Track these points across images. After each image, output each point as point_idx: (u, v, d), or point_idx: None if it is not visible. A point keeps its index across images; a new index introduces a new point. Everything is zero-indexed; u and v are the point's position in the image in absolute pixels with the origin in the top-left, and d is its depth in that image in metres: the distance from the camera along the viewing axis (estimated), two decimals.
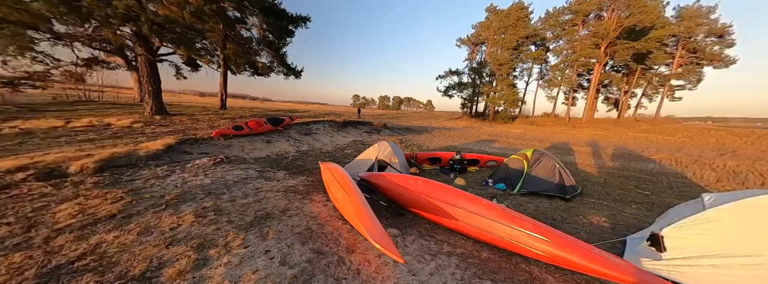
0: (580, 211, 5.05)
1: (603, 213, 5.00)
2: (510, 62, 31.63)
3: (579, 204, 5.39)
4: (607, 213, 5.06)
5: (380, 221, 4.08)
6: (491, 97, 31.86)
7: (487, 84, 32.99)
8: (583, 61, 27.86)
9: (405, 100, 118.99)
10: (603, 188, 6.72)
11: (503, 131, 23.53)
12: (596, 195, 6.06)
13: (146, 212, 3.31)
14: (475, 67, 33.37)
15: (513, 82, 33.09)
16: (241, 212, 3.62)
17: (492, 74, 32.70)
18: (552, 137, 20.12)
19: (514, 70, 35.35)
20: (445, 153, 7.99)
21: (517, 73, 36.47)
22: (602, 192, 6.37)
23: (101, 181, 4.26)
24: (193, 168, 5.39)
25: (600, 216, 4.84)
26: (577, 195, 5.84)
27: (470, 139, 16.21)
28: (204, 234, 2.86)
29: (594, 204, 5.51)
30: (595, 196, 6.00)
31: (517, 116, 34.66)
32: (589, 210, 5.15)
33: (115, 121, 9.78)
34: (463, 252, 3.38)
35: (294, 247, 2.81)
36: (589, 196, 5.96)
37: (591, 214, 4.92)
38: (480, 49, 37.50)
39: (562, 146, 15.51)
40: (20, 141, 6.30)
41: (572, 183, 5.80)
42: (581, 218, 4.74)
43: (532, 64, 36.17)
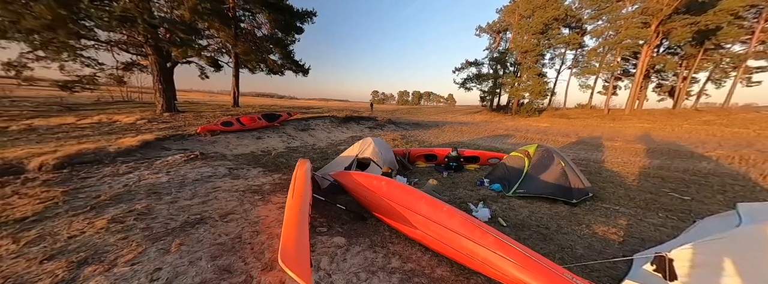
0: (584, 219, 4.17)
1: (615, 223, 4.08)
2: (537, 48, 27.05)
3: (587, 211, 4.48)
4: (622, 222, 4.13)
5: (336, 227, 3.63)
6: (514, 89, 28.88)
7: (510, 74, 30.34)
8: (629, 43, 23.39)
9: (425, 94, 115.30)
10: (627, 191, 5.64)
11: (524, 125, 21.78)
12: (614, 200, 5.06)
13: (63, 215, 3.06)
14: (497, 56, 30.78)
15: (540, 71, 29.15)
16: (172, 216, 3.27)
17: (516, 63, 30.06)
18: (582, 131, 18.09)
19: (543, 57, 31.29)
20: (441, 149, 7.23)
21: (545, 60, 32.49)
22: (624, 195, 5.33)
23: (52, 179, 4.14)
24: (161, 165, 5.20)
25: (610, 226, 3.94)
26: (587, 199, 4.90)
27: (482, 135, 15.06)
28: (100, 246, 2.51)
29: (607, 210, 4.56)
30: (613, 201, 5.01)
31: (544, 109, 31.19)
32: (597, 217, 4.25)
33: (123, 118, 10.10)
34: (412, 268, 2.78)
35: (197, 264, 2.37)
36: (604, 201, 4.99)
37: (598, 223, 4.03)
38: (503, 36, 34.75)
39: (592, 141, 13.90)
40: (16, 137, 6.53)
41: (581, 186, 4.86)
42: (583, 228, 3.88)
43: (565, 49, 31.71)
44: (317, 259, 2.71)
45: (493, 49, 33.79)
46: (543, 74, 29.52)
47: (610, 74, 28.46)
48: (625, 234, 3.75)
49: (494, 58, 31.12)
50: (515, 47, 28.90)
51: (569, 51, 32.31)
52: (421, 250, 3.16)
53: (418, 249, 3.18)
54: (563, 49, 31.92)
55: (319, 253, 2.84)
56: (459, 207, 4.53)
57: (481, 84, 31.96)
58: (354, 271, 2.60)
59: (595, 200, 4.97)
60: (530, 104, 29.26)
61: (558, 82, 34.90)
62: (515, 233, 3.69)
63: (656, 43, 24.72)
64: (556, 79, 34.37)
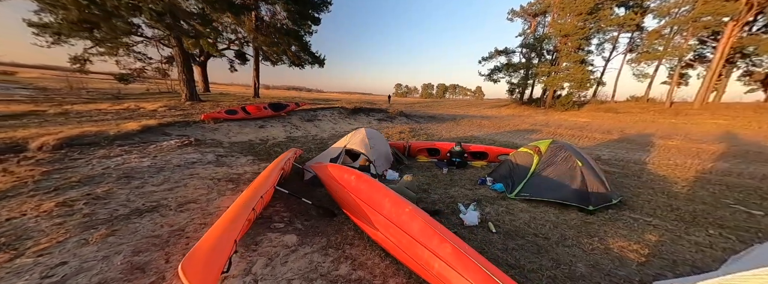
0: (599, 230, 3.40)
1: (640, 238, 3.27)
2: (582, 32, 23.14)
3: (605, 220, 3.67)
4: (651, 237, 3.30)
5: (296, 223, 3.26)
6: (551, 78, 24.91)
7: (546, 62, 27.18)
8: (708, 20, 18.13)
9: (450, 87, 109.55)
10: (670, 199, 4.60)
11: (558, 120, 19.75)
12: (648, 209, 4.12)
13: (23, 195, 3.07)
14: (531, 42, 27.76)
15: (583, 58, 24.89)
16: (126, 203, 3.15)
17: (554, 50, 26.91)
18: (631, 127, 15.60)
19: (589, 42, 26.57)
20: (445, 144, 6.58)
21: (592, 46, 27.76)
22: (664, 205, 4.33)
23: (45, 158, 4.30)
24: (153, 149, 5.26)
25: (632, 242, 3.15)
26: (610, 207, 4.04)
27: (502, 129, 13.83)
28: (27, 231, 2.41)
29: (634, 221, 3.71)
30: (646, 210, 4.08)
31: (586, 101, 27.40)
32: (618, 229, 3.44)
33: (147, 105, 10.71)
34: (361, 277, 2.36)
35: (110, 260, 2.14)
36: (634, 210, 4.08)
37: (617, 237, 3.25)
38: (541, 20, 31.06)
39: (640, 139, 12.07)
40: (46, 119, 7.08)
41: (603, 190, 4.00)
42: (595, 241, 3.14)
43: (619, 32, 26.91)
44: (252, 260, 2.39)
45: (528, 34, 30.50)
46: (587, 61, 25.50)
47: (678, 60, 22.37)
48: (650, 253, 2.97)
49: (528, 45, 27.88)
50: (555, 31, 24.94)
51: (624, 34, 27.22)
52: (381, 255, 2.72)
53: (378, 254, 2.74)
54: (616, 31, 27.03)
55: (259, 253, 2.52)
56: (448, 207, 3.98)
57: (511, 74, 29.18)
58: (288, 278, 2.24)
59: (621, 208, 4.09)
60: (569, 96, 25.29)
61: (607, 70, 30.19)
62: (503, 242, 3.09)
63: (747, 18, 18.60)
64: (605, 67, 29.55)
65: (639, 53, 25.68)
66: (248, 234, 2.80)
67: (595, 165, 4.44)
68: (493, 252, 2.91)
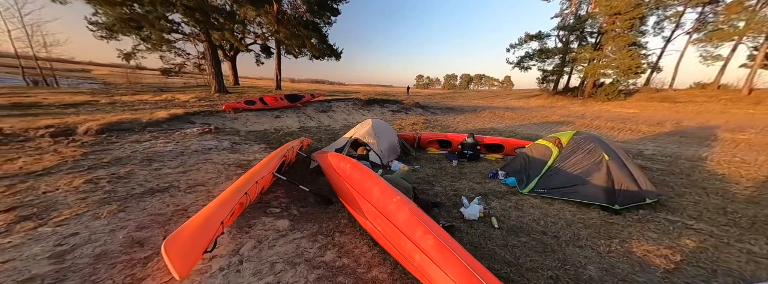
0: (622, 232, 3.01)
1: (674, 242, 2.84)
2: (636, 9, 19.68)
3: (633, 221, 3.25)
4: (688, 242, 2.85)
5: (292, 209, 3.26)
6: (592, 65, 22.24)
7: (587, 47, 23.23)
8: None
9: (475, 77, 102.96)
10: (725, 201, 3.92)
11: (597, 111, 17.90)
12: (691, 211, 3.56)
13: (62, 172, 3.46)
14: (571, 23, 24.91)
15: (634, 40, 20.82)
16: (143, 183, 3.42)
17: (599, 32, 24.00)
18: (690, 119, 13.48)
19: (644, 22, 22.32)
20: (457, 135, 6.26)
21: (648, 25, 23.46)
22: (714, 207, 3.71)
23: (88, 141, 4.84)
24: (177, 136, 5.67)
25: (661, 246, 2.75)
26: (641, 207, 3.56)
27: (528, 121, 12.83)
28: (56, 204, 2.71)
29: (670, 224, 3.23)
30: (688, 212, 3.53)
31: (636, 90, 22.94)
32: (646, 232, 3.03)
33: (182, 97, 11.59)
34: (345, 264, 2.34)
35: (114, 233, 2.33)
36: (673, 211, 3.56)
37: (644, 239, 2.86)
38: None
39: (699, 132, 10.50)
40: (97, 108, 7.95)
41: (632, 188, 3.52)
42: (614, 243, 2.78)
43: (685, 6, 22.16)
44: (242, 242, 2.47)
45: (567, 15, 27.26)
46: (639, 44, 21.62)
47: (765, 38, 18.10)
48: (682, 260, 2.57)
49: (566, 27, 24.99)
50: (602, 9, 21.32)
51: (691, 8, 22.52)
52: (369, 244, 2.67)
53: (367, 243, 2.70)
54: (682, 5, 22.29)
55: (250, 236, 2.60)
56: (450, 200, 3.80)
57: (544, 61, 26.52)
58: (273, 261, 2.28)
59: (656, 209, 3.59)
60: (614, 84, 22.06)
61: (665, 53, 25.44)
62: (505, 238, 2.88)
63: None
64: (663, 49, 24.89)
65: (711, 31, 21.30)
66: (244, 216, 2.90)
67: (628, 159, 3.93)
68: (491, 247, 2.72)
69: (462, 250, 1.94)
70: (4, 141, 4.71)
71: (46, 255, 1.96)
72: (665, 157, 6.73)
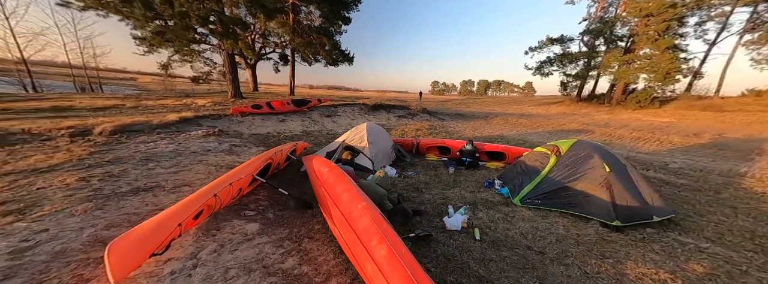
0: (619, 251, 2.68)
1: (677, 265, 2.47)
2: (670, 10, 18.01)
3: (635, 240, 2.89)
4: (696, 267, 2.46)
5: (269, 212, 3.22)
6: (622, 69, 20.34)
7: (616, 50, 21.87)
8: None
9: (494, 83, 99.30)
10: (756, 224, 3.37)
11: (625, 120, 16.63)
12: (709, 233, 3.11)
13: (62, 169, 3.68)
14: (597, 26, 23.02)
15: (673, 43, 18.81)
16: (132, 181, 3.56)
17: (630, 35, 21.25)
18: (737, 130, 11.93)
19: (682, 23, 20.24)
20: (457, 142, 6.03)
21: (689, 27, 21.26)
22: (741, 229, 3.20)
23: (101, 141, 5.17)
24: (182, 138, 5.91)
25: (661, 269, 2.40)
26: (649, 225, 3.18)
27: (542, 129, 12.13)
28: (43, 200, 2.85)
29: (678, 245, 2.84)
30: (705, 234, 3.08)
31: (674, 97, 20.71)
32: (647, 252, 2.67)
33: (200, 101, 12.22)
34: (304, 273, 2.26)
35: (81, 232, 2.37)
36: (688, 232, 3.13)
37: (642, 261, 2.52)
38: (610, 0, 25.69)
39: (743, 145, 9.22)
40: (121, 111, 8.54)
41: (634, 204, 3.16)
42: (606, 263, 2.47)
43: (733, 5, 19.74)
44: (204, 245, 2.45)
45: (594, 18, 25.77)
46: (678, 47, 19.42)
47: None
48: None
49: (592, 30, 23.60)
50: (631, 12, 19.86)
51: (741, 8, 19.87)
52: (336, 252, 2.57)
53: (333, 250, 2.59)
54: (729, 5, 19.81)
55: (215, 239, 2.58)
56: (436, 209, 3.62)
57: (567, 66, 25.04)
58: (229, 266, 2.23)
59: (667, 228, 3.19)
60: (648, 91, 19.72)
61: (710, 57, 22.72)
62: (484, 251, 2.67)
63: None
64: (707, 53, 22.03)
65: (764, 32, 18.80)
66: (215, 218, 2.90)
67: (635, 172, 3.55)
68: (465, 261, 2.52)
69: (414, 264, 1.81)
70: (28, 140, 5.14)
71: (8, 250, 2.04)
72: (694, 172, 6.07)
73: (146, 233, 1.95)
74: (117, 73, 44.94)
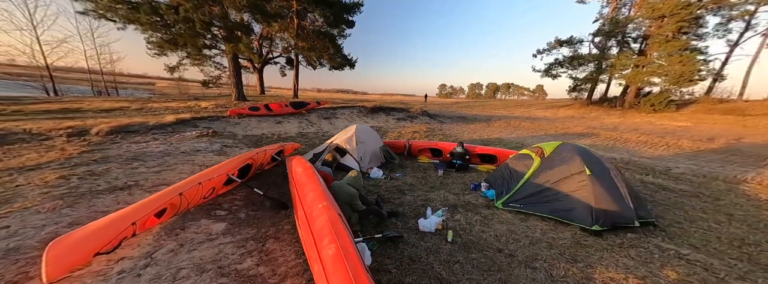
0: (591, 256, 2.54)
1: (652, 272, 2.31)
2: (684, 10, 17.26)
3: (613, 245, 2.72)
4: (670, 274, 2.29)
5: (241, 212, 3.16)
6: (635, 72, 19.48)
7: (627, 52, 21.11)
8: None
9: (503, 86, 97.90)
10: (749, 231, 3.13)
11: (635, 124, 15.98)
12: (694, 240, 2.90)
13: (49, 167, 3.78)
14: (609, 28, 21.44)
15: (687, 45, 18.12)
16: (112, 180, 3.62)
17: (643, 36, 20.53)
18: (761, 134, 11.21)
19: (700, 24, 19.27)
20: (448, 144, 5.93)
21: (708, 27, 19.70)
22: (731, 237, 2.97)
23: (96, 140, 5.31)
24: (175, 138, 6.02)
25: (631, 275, 2.24)
26: (631, 229, 3.01)
27: (544, 132, 11.80)
28: (17, 197, 2.91)
29: (659, 251, 2.66)
30: (690, 241, 2.88)
31: (692, 100, 19.49)
32: (621, 257, 2.51)
33: (205, 103, 12.47)
34: (259, 274, 2.24)
35: (42, 229, 2.39)
36: (672, 238, 2.92)
37: (613, 266, 2.36)
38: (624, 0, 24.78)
39: (760, 151, 8.61)
40: (124, 113, 8.78)
41: (614, 208, 2.99)
42: (574, 267, 2.32)
43: (756, 5, 18.56)
44: (162, 245, 2.43)
45: (606, 19, 24.99)
46: (695, 48, 18.54)
47: None
48: None
49: (603, 32, 23.01)
50: (643, 13, 19.08)
51: (765, 7, 18.47)
52: (298, 252, 2.53)
53: (296, 251, 2.56)
54: (752, 4, 18.52)
55: (177, 238, 2.56)
56: (415, 210, 3.54)
57: (576, 68, 24.21)
58: (182, 266, 2.20)
59: (650, 234, 3.02)
60: (663, 94, 19.01)
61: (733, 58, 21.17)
62: (452, 253, 2.61)
63: None
64: (729, 54, 20.69)
65: None
66: (184, 217, 2.90)
67: (619, 176, 3.38)
68: (430, 262, 2.46)
69: (358, 266, 1.77)
70: (28, 139, 5.31)
71: None
72: (696, 177, 5.78)
73: (93, 232, 1.95)
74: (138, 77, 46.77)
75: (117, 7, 9.94)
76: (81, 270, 1.98)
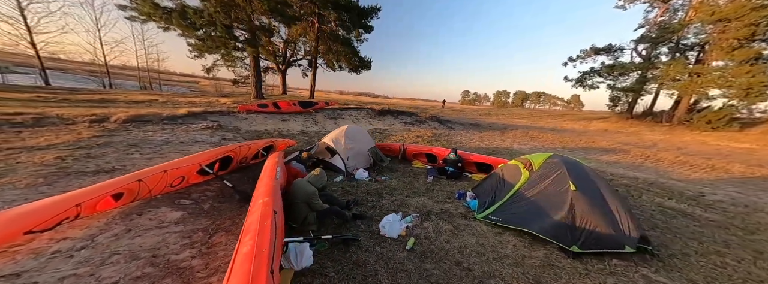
0: (559, 280, 2.19)
1: None
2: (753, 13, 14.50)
3: (588, 271, 2.30)
4: None
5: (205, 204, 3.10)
6: (688, 82, 16.91)
7: (679, 60, 18.15)
8: None
9: (533, 95, 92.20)
10: None
11: (684, 142, 13.92)
12: (697, 274, 2.41)
13: (52, 148, 4.11)
14: (656, 35, 18.96)
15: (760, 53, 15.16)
16: (103, 163, 3.84)
17: (699, 43, 17.93)
18: None
19: None
20: (444, 150, 5.64)
21: None
22: (749, 276, 2.52)
23: (112, 127, 5.74)
24: (181, 129, 6.34)
25: None
26: (620, 256, 2.58)
27: (563, 145, 10.83)
28: (9, 172, 3.17)
29: (640, 279, 2.26)
30: (691, 275, 2.38)
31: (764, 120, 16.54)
32: (591, 282, 2.16)
33: (224, 100, 13.17)
34: (189, 266, 2.20)
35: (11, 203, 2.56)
36: (672, 269, 2.43)
37: None
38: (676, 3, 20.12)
39: None
40: (150, 105, 9.51)
41: (600, 230, 2.57)
42: None
43: None
44: (109, 228, 2.46)
45: (652, 24, 22.44)
46: None
47: None
48: None
49: (648, 38, 19.94)
50: (701, 17, 16.65)
51: None
52: None
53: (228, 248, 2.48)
54: None
55: (128, 223, 2.56)
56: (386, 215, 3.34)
57: (616, 78, 21.97)
58: (118, 251, 2.19)
59: (641, 262, 2.54)
60: (725, 110, 16.24)
61: None
62: (404, 262, 2.42)
63: None
64: None
65: None
66: (148, 204, 2.96)
67: (613, 195, 2.93)
68: (376, 269, 2.31)
69: (263, 267, 1.68)
70: (57, 123, 5.87)
71: None
72: (735, 206, 4.93)
73: (30, 211, 2.01)
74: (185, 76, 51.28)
75: (154, 12, 10.97)
76: (20, 246, 2.05)
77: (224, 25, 10.11)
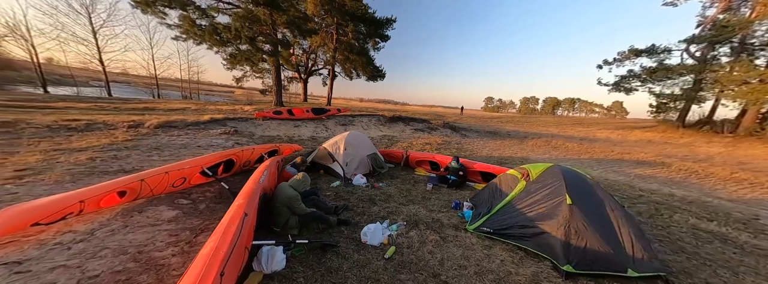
0: None
1: None
2: None
3: None
4: None
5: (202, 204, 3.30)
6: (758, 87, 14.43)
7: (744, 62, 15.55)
8: None
9: (566, 102, 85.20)
10: None
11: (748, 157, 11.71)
12: None
13: (89, 150, 4.62)
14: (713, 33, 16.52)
15: None
16: (125, 164, 4.24)
17: None
18: None
19: None
20: (446, 158, 5.44)
21: None
22: None
23: (144, 132, 6.36)
24: (201, 134, 6.84)
25: None
26: (620, 278, 2.27)
27: (589, 156, 9.84)
28: (45, 169, 3.61)
29: None
30: None
31: None
32: None
33: (247, 107, 14.05)
34: (167, 264, 2.32)
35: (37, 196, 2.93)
36: None
37: None
38: None
39: None
40: (182, 112, 10.41)
41: (598, 248, 2.28)
42: None
43: None
44: (108, 224, 2.66)
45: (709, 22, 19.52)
46: None
47: None
48: None
49: (704, 37, 17.32)
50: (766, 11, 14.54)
51: None
52: None
53: None
54: None
55: (124, 220, 2.76)
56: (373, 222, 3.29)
57: (662, 82, 19.32)
58: (109, 246, 2.37)
59: None
60: None
61: None
62: (378, 271, 2.34)
63: None
64: None
65: None
66: (152, 202, 3.20)
67: (619, 211, 2.62)
68: (347, 276, 2.32)
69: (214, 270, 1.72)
70: (102, 128, 6.62)
71: None
72: None
73: (40, 205, 2.26)
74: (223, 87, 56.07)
75: (192, 30, 12.22)
76: (30, 237, 2.31)
77: (248, 38, 10.90)
